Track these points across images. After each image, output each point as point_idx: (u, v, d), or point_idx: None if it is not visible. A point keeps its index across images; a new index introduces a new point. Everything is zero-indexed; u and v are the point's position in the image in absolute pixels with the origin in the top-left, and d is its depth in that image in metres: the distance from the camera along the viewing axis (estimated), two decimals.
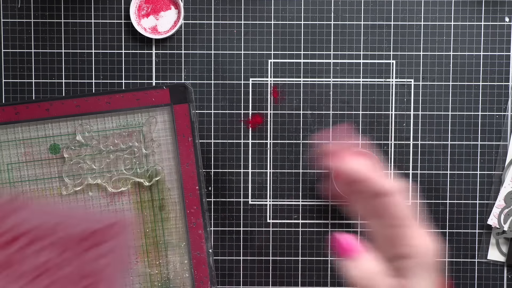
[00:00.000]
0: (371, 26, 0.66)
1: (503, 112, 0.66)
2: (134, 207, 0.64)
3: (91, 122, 0.63)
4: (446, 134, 0.66)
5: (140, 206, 0.64)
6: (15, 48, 0.66)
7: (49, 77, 0.67)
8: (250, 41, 0.66)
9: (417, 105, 0.66)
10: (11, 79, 0.66)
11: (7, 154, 0.64)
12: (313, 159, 0.67)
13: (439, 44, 0.66)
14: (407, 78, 0.66)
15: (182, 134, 0.63)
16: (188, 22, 0.66)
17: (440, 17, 0.66)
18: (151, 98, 0.63)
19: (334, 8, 0.66)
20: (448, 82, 0.66)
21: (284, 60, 0.67)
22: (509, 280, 0.66)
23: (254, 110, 0.67)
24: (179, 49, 0.67)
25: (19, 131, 0.64)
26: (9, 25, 0.66)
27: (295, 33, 0.66)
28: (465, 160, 0.66)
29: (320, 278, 0.67)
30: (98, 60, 0.67)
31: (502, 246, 0.66)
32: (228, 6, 0.66)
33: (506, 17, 0.66)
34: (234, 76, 0.66)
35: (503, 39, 0.66)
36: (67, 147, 0.64)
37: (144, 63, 0.66)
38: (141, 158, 0.64)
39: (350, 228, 0.67)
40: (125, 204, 0.64)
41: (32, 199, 0.53)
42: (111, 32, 0.66)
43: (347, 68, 0.66)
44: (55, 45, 0.66)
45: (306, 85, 0.66)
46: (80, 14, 0.66)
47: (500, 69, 0.66)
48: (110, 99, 0.63)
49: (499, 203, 0.65)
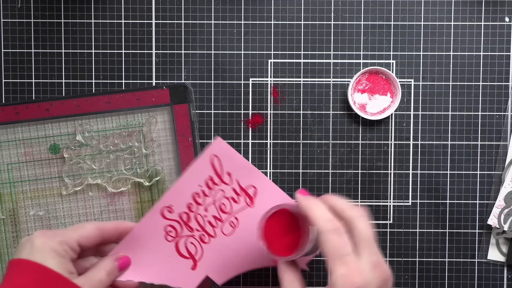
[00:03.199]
0: (371, 26, 0.66)
1: (503, 112, 0.66)
2: (134, 207, 0.64)
3: (91, 122, 0.63)
4: (446, 134, 0.66)
5: (140, 206, 0.64)
6: (15, 48, 0.66)
7: (49, 77, 0.67)
8: (250, 41, 0.66)
9: (417, 105, 0.66)
10: (11, 79, 0.66)
11: (7, 154, 0.64)
12: (314, 159, 0.67)
13: (439, 44, 0.66)
14: (407, 78, 0.66)
15: (182, 134, 0.63)
16: (188, 22, 0.66)
17: (440, 17, 0.66)
18: (151, 98, 0.63)
19: (334, 8, 0.66)
20: (448, 82, 0.66)
21: (284, 60, 0.67)
22: (509, 280, 0.66)
23: (254, 110, 0.67)
24: (179, 49, 0.67)
25: (19, 131, 0.64)
26: (9, 25, 0.66)
27: (295, 33, 0.66)
28: (465, 160, 0.66)
29: (320, 278, 0.67)
30: (98, 60, 0.66)
31: (502, 246, 0.66)
32: (228, 6, 0.66)
33: (506, 17, 0.66)
34: (234, 76, 0.66)
35: (503, 39, 0.66)
36: (67, 147, 0.64)
37: (144, 63, 0.66)
38: (141, 158, 0.64)
39: None
40: (125, 204, 0.64)
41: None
42: (111, 32, 0.66)
43: (347, 68, 0.66)
44: (55, 45, 0.66)
45: (306, 85, 0.66)
46: (80, 14, 0.66)
47: (500, 69, 0.66)
48: (110, 99, 0.63)
49: (499, 203, 0.65)
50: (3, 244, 0.64)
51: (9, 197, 0.64)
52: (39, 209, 0.64)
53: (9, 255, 0.64)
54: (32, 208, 0.64)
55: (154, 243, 0.56)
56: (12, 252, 0.64)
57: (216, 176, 0.56)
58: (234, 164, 0.56)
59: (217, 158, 0.56)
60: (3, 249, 0.64)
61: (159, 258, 0.56)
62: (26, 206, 0.64)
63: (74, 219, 0.64)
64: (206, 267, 0.57)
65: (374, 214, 0.67)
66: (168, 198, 0.56)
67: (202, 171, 0.56)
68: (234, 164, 0.56)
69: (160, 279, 0.56)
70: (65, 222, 0.64)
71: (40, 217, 0.64)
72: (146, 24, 0.66)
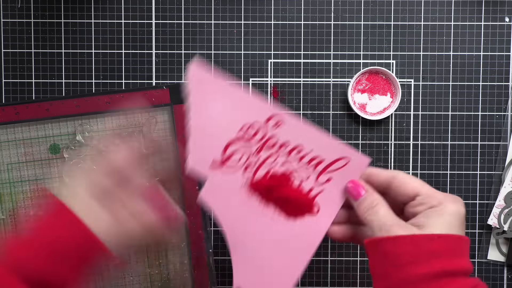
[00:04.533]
0: (371, 26, 0.66)
1: (503, 112, 0.66)
2: None
3: (91, 122, 0.63)
4: (446, 134, 0.66)
5: None
6: (15, 48, 0.66)
7: (49, 77, 0.67)
8: (250, 41, 0.66)
9: (417, 105, 0.66)
10: (11, 79, 0.66)
11: (7, 154, 0.64)
12: None
13: (439, 44, 0.66)
14: (407, 78, 0.66)
15: (182, 134, 0.63)
16: (188, 22, 0.66)
17: (440, 17, 0.66)
18: (151, 98, 0.63)
19: (334, 8, 0.66)
20: (448, 82, 0.66)
21: (284, 60, 0.67)
22: (509, 280, 0.66)
23: None
24: (179, 49, 0.67)
25: (19, 131, 0.64)
26: (9, 25, 0.66)
27: (295, 33, 0.66)
28: (465, 160, 0.66)
29: (320, 278, 0.67)
30: (98, 60, 0.66)
31: (502, 246, 0.66)
32: (228, 6, 0.66)
33: (506, 17, 0.66)
34: (234, 76, 0.66)
35: (503, 39, 0.66)
36: (67, 147, 0.64)
37: (144, 63, 0.66)
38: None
39: None
40: None
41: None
42: (111, 32, 0.66)
43: (347, 68, 0.66)
44: (55, 45, 0.66)
45: (306, 85, 0.66)
46: (80, 14, 0.66)
47: (500, 69, 0.66)
48: (110, 99, 0.63)
49: (499, 203, 0.65)
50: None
51: (9, 197, 0.64)
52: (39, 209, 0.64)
53: None
54: (32, 208, 0.64)
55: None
56: None
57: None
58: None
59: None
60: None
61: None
62: (26, 206, 0.64)
63: None
64: None
65: None
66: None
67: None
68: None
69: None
70: None
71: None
72: (146, 24, 0.66)
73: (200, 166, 0.52)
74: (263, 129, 0.51)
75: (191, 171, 0.52)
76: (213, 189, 0.52)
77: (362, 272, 0.67)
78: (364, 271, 0.67)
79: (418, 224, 0.45)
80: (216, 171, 0.52)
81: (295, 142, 0.51)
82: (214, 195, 0.52)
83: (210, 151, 0.52)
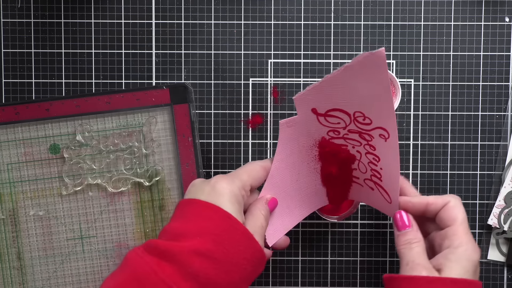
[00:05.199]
0: (371, 26, 0.66)
1: (503, 112, 0.66)
2: (134, 207, 0.64)
3: (91, 122, 0.63)
4: (446, 134, 0.66)
5: (140, 206, 0.64)
6: (15, 48, 0.66)
7: (49, 77, 0.67)
8: (250, 41, 0.66)
9: (417, 105, 0.66)
10: (11, 79, 0.66)
11: (7, 154, 0.64)
12: None
13: (439, 44, 0.66)
14: (407, 78, 0.66)
15: (182, 134, 0.63)
16: (188, 22, 0.66)
17: (440, 17, 0.66)
18: (151, 98, 0.63)
19: (334, 8, 0.66)
20: (448, 82, 0.66)
21: (284, 60, 0.67)
22: (509, 280, 0.66)
23: (254, 110, 0.67)
24: (179, 49, 0.67)
25: (19, 131, 0.64)
26: (9, 25, 0.66)
27: (295, 33, 0.66)
28: (465, 160, 0.66)
29: (320, 278, 0.67)
30: (98, 60, 0.67)
31: (502, 246, 0.66)
32: (228, 6, 0.66)
33: (506, 17, 0.66)
34: (234, 76, 0.66)
35: (503, 39, 0.66)
36: (67, 147, 0.64)
37: (144, 63, 0.67)
38: (141, 158, 0.64)
39: (350, 228, 0.67)
40: (125, 204, 0.64)
41: None
42: (111, 32, 0.66)
43: None
44: (55, 45, 0.66)
45: (306, 85, 0.66)
46: (80, 14, 0.66)
47: (500, 69, 0.66)
48: (110, 99, 0.63)
49: (499, 203, 0.65)
50: (3, 244, 0.64)
51: (9, 197, 0.64)
52: (39, 209, 0.64)
53: (9, 255, 0.64)
54: (32, 208, 0.64)
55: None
56: (12, 252, 0.64)
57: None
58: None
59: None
60: (3, 249, 0.64)
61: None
62: (26, 206, 0.64)
63: (74, 219, 0.64)
64: None
65: (375, 214, 0.67)
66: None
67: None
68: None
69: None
70: (65, 222, 0.64)
71: (40, 217, 0.64)
72: (146, 24, 0.66)
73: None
74: (369, 126, 0.52)
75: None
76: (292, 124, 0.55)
77: (362, 272, 0.67)
78: (364, 271, 0.67)
79: (438, 268, 0.49)
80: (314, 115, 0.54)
81: (378, 152, 0.53)
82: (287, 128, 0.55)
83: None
